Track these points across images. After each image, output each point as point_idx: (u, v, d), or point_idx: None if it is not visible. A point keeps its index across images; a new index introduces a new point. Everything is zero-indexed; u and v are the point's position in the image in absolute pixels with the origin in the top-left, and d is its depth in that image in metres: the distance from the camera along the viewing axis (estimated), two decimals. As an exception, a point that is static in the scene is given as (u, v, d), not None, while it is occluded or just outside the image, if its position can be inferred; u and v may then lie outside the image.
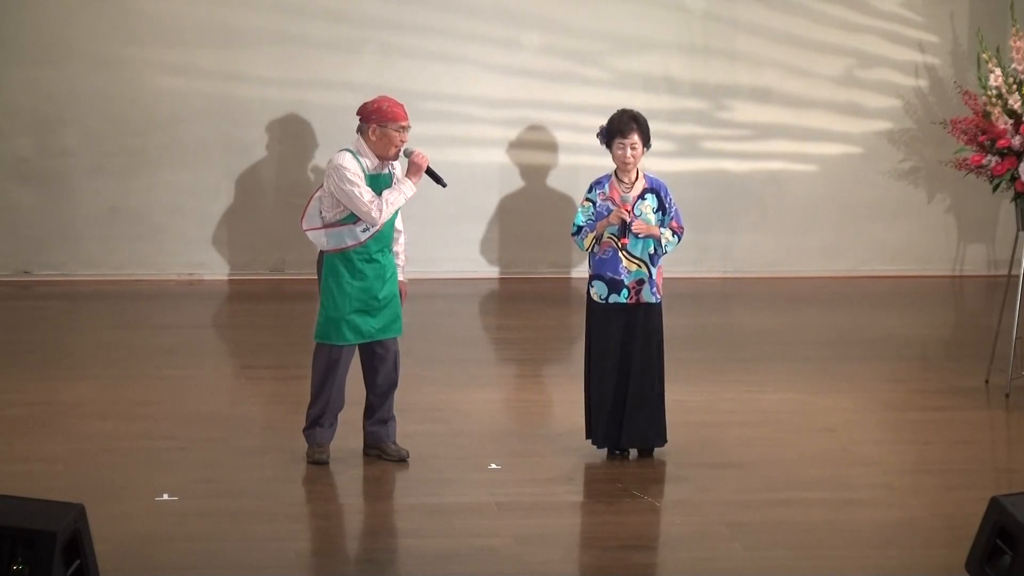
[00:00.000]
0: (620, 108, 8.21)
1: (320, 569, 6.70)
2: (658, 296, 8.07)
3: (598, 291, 8.05)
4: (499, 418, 9.04)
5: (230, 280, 13.11)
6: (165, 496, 7.39)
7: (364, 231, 7.84)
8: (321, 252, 8.02)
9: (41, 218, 12.95)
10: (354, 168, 7.79)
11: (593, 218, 8.03)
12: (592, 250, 8.06)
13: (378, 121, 7.84)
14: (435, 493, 7.65)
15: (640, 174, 8.10)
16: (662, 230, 8.01)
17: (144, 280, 12.98)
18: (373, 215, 7.77)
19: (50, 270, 13.00)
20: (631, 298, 8.01)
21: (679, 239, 8.10)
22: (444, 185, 8.00)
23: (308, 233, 7.98)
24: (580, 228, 8.06)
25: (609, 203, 8.00)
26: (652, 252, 8.02)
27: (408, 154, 7.91)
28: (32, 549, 5.68)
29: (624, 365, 8.05)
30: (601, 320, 8.07)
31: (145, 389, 9.50)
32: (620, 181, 8.07)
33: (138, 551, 6.67)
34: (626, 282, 8.00)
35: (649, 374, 8.07)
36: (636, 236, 7.95)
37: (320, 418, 7.99)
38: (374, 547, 7.06)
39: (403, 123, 7.88)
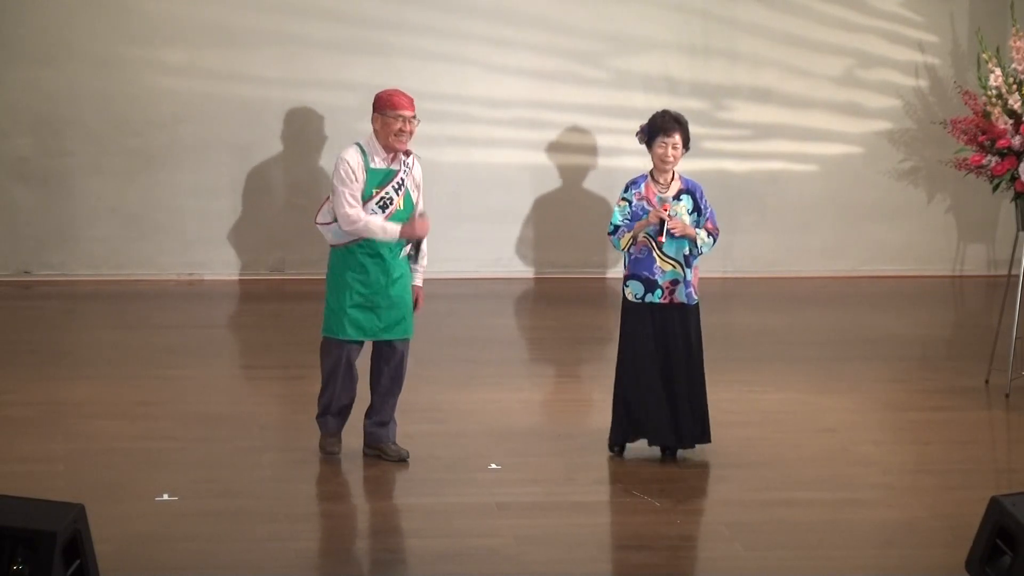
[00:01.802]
0: (662, 109, 8.21)
1: (321, 569, 6.70)
2: (694, 297, 8.09)
3: (634, 290, 8.06)
4: (500, 418, 9.04)
5: (230, 280, 13.12)
6: (165, 496, 7.39)
7: None
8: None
9: (41, 218, 12.95)
10: (354, 163, 7.82)
11: (629, 218, 8.02)
12: (628, 250, 8.07)
13: (379, 109, 7.88)
14: (435, 493, 7.65)
15: (676, 175, 8.10)
16: (697, 231, 8.02)
17: (144, 280, 12.99)
18: (350, 217, 7.78)
19: (50, 270, 13.01)
20: (664, 298, 8.03)
21: (715, 240, 8.13)
22: (416, 261, 8.05)
23: (320, 228, 8.02)
24: (617, 228, 8.05)
25: (644, 203, 8.01)
26: (687, 253, 8.03)
27: (421, 215, 7.93)
28: (32, 549, 5.68)
29: (658, 364, 8.06)
30: (637, 320, 8.07)
31: (145, 389, 9.49)
32: (656, 182, 8.08)
33: (138, 551, 6.66)
34: (660, 282, 8.02)
35: (694, 375, 8.11)
36: (672, 236, 7.95)
37: (328, 407, 8.07)
38: (374, 547, 7.06)
39: (402, 112, 7.85)
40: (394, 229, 7.84)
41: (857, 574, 6.64)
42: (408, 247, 7.99)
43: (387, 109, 7.87)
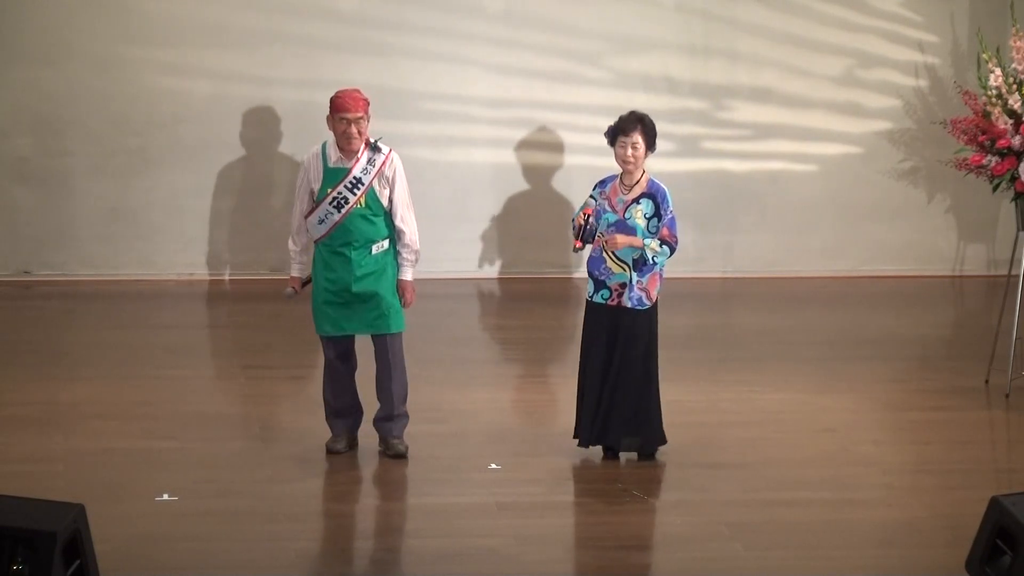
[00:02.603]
0: (629, 110, 8.21)
1: (320, 569, 6.70)
2: (644, 303, 7.95)
3: (588, 287, 8.06)
4: (499, 418, 9.04)
5: (230, 280, 13.11)
6: (165, 496, 7.39)
7: (320, 223, 7.95)
8: None
9: (41, 218, 12.95)
10: (307, 166, 8.04)
11: (594, 216, 8.02)
12: (575, 248, 8.08)
13: (329, 109, 7.94)
14: (435, 493, 7.65)
15: (644, 178, 8.03)
16: (646, 241, 7.87)
17: (144, 280, 12.98)
18: (291, 223, 8.14)
19: (50, 270, 13.00)
20: (612, 300, 7.97)
21: (671, 250, 7.93)
22: (286, 295, 8.29)
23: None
24: (575, 227, 8.06)
25: (606, 203, 7.99)
26: (635, 257, 7.94)
27: (289, 290, 8.23)
28: (32, 549, 5.68)
29: (602, 364, 8.01)
30: (590, 317, 8.08)
31: (145, 389, 9.50)
32: (621, 183, 8.05)
33: (138, 551, 6.67)
34: (608, 283, 7.97)
35: (628, 379, 7.99)
36: (604, 248, 7.91)
37: (330, 406, 8.14)
38: (374, 547, 7.06)
39: (345, 114, 7.87)
40: (290, 271, 8.21)
41: (857, 574, 6.64)
42: (381, 244, 7.99)
43: (335, 111, 7.93)
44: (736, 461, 8.13)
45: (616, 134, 8.01)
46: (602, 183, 8.09)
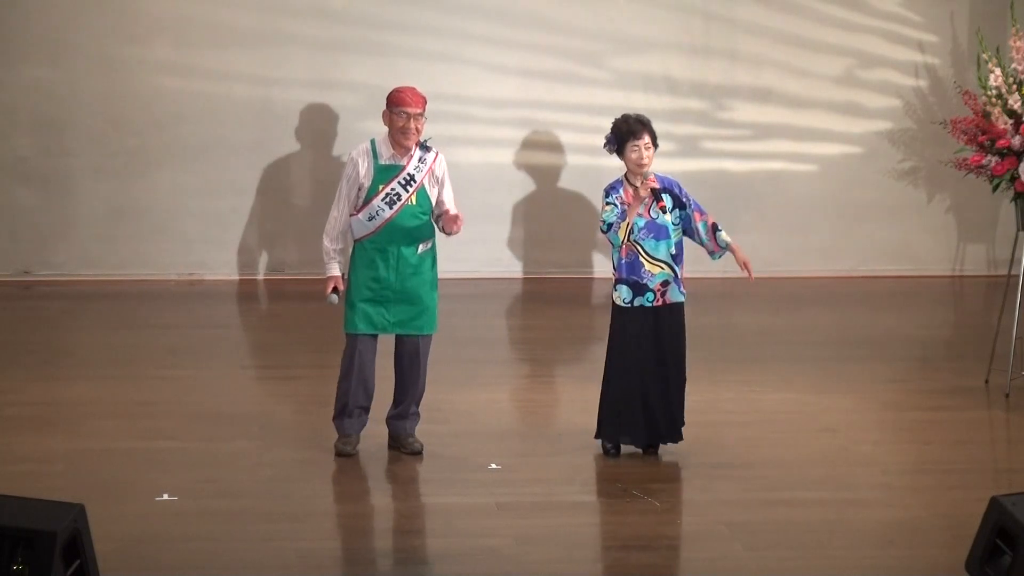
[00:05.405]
0: (622, 113, 8.26)
1: (320, 569, 6.69)
2: (684, 293, 8.13)
3: (622, 295, 8.06)
4: (500, 418, 9.04)
5: (230, 280, 13.12)
6: (165, 496, 7.39)
7: (370, 219, 7.92)
8: None
9: (41, 218, 12.95)
10: (357, 162, 7.97)
11: (620, 216, 8.04)
12: (618, 253, 8.09)
13: (388, 104, 7.96)
14: (435, 493, 7.65)
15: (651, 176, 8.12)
16: (722, 242, 8.21)
17: (145, 280, 12.99)
18: (328, 220, 8.02)
19: (50, 270, 13.01)
20: (657, 300, 8.05)
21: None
22: (331, 303, 8.11)
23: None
24: (611, 225, 8.06)
25: (625, 207, 8.03)
26: (674, 253, 8.04)
27: (333, 296, 8.05)
28: (32, 549, 5.68)
29: (651, 364, 8.07)
30: (626, 323, 8.09)
31: (145, 389, 9.50)
32: (632, 184, 8.08)
33: (138, 551, 6.66)
34: (651, 285, 8.04)
35: (678, 371, 8.14)
36: (639, 253, 7.97)
37: (344, 408, 8.07)
38: (374, 547, 7.06)
39: (407, 109, 7.93)
40: (330, 271, 8.01)
41: (857, 574, 6.64)
42: (427, 243, 8.04)
43: (392, 105, 7.96)
44: (736, 461, 8.13)
45: (625, 140, 8.06)
46: (613, 189, 8.12)
